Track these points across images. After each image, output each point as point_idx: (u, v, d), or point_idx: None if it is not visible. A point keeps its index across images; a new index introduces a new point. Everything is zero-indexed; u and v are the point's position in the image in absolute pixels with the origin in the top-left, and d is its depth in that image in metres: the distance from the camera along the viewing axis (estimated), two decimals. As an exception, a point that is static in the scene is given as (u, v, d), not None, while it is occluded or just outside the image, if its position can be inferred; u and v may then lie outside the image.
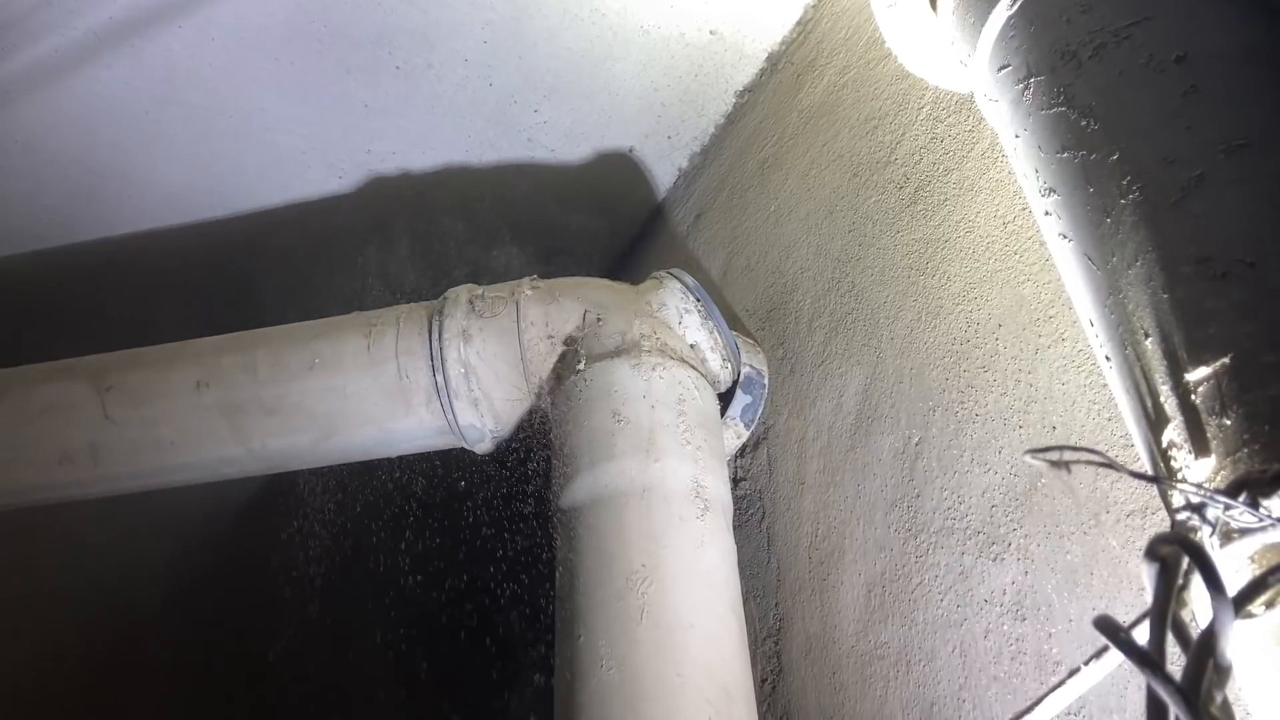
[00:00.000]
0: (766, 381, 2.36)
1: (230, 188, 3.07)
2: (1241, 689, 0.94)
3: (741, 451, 2.41)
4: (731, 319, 2.60)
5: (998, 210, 1.80)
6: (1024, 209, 1.72)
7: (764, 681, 2.07)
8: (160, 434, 2.28)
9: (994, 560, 1.59)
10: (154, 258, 3.23)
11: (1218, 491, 0.79)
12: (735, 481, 2.40)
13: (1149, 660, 0.66)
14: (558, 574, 1.91)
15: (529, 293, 2.28)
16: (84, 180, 2.95)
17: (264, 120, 2.87)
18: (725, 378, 2.30)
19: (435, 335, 2.22)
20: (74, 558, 3.90)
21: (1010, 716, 0.89)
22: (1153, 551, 0.77)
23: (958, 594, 1.64)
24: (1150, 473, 1.00)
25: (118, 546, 4.05)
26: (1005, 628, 1.53)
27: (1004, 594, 1.55)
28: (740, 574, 1.96)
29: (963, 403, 1.75)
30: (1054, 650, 1.44)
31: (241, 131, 2.91)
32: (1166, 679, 0.65)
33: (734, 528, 2.09)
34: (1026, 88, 1.30)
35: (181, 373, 2.32)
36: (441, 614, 3.35)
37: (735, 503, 2.30)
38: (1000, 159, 1.82)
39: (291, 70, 2.73)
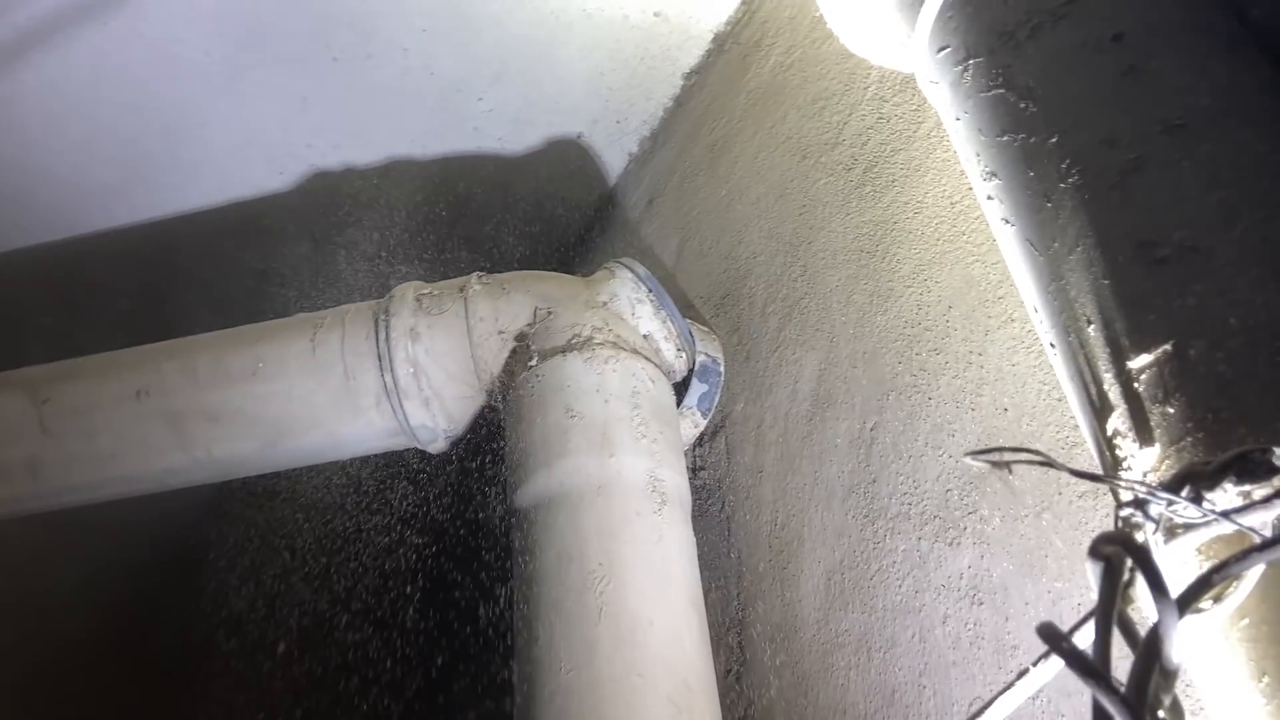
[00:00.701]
0: (722, 369, 2.33)
1: (166, 188, 2.98)
2: (1192, 682, 0.93)
3: (699, 441, 2.39)
4: (685, 306, 2.57)
5: (945, 190, 1.78)
6: (971, 189, 1.70)
7: (727, 673, 2.06)
8: (101, 445, 2.21)
9: (950, 545, 1.58)
10: (88, 263, 3.14)
11: (1161, 486, 0.78)
12: (694, 471, 2.38)
13: (1091, 670, 0.64)
14: (514, 575, 1.88)
15: (477, 288, 2.23)
16: (12, 184, 2.85)
17: (198, 117, 2.79)
18: (680, 367, 2.27)
19: (382, 335, 2.17)
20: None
21: (966, 711, 0.87)
22: (1096, 551, 0.75)
23: (915, 580, 1.64)
24: (1094, 468, 0.99)
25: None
26: (963, 612, 1.52)
27: (961, 579, 1.54)
28: (701, 565, 1.94)
29: (916, 386, 1.74)
30: (1011, 634, 1.44)
31: (175, 129, 2.82)
32: (1110, 688, 0.63)
33: (694, 518, 2.07)
34: (965, 70, 1.28)
35: (120, 382, 2.24)
36: (401, 620, 3.31)
37: (694, 493, 2.28)
38: (946, 139, 1.80)
39: (224, 65, 2.64)
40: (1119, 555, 0.73)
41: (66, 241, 3.07)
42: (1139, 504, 0.79)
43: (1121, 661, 0.75)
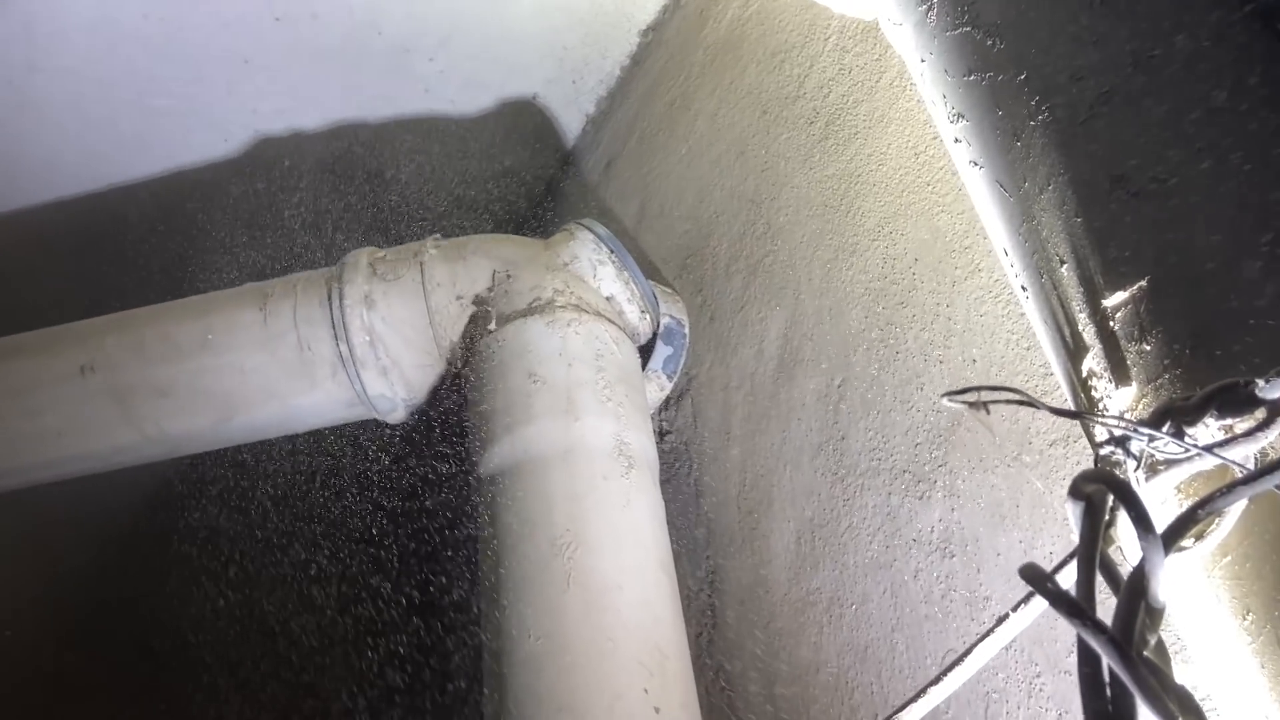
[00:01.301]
0: (687, 331, 2.30)
1: (108, 157, 2.86)
2: (1174, 620, 0.92)
3: (666, 404, 2.35)
4: (648, 268, 2.53)
5: (909, 141, 1.75)
6: (935, 138, 1.67)
7: (699, 635, 2.04)
8: (46, 424, 2.13)
9: (920, 499, 1.57)
10: (29, 236, 3.02)
11: (1141, 423, 0.75)
12: (661, 435, 2.35)
13: (1077, 609, 0.62)
14: (481, 544, 1.84)
15: (433, 252, 2.17)
16: (-56, 156, 2.73)
17: (138, 83, 2.68)
18: (644, 329, 2.23)
19: (336, 303, 2.10)
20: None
21: (942, 668, 0.85)
22: (1077, 490, 0.72)
23: (886, 535, 1.62)
24: (1071, 406, 0.97)
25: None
26: (935, 566, 1.51)
27: (932, 532, 1.53)
28: (671, 528, 1.92)
29: (883, 341, 1.71)
30: (983, 586, 1.43)
31: (115, 96, 2.71)
32: (1097, 627, 0.61)
33: (662, 482, 2.04)
34: (930, 8, 1.24)
35: (65, 358, 2.16)
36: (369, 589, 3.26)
37: (662, 456, 2.25)
38: (910, 87, 1.76)
39: (163, 27, 2.53)
40: (1101, 493, 0.70)
41: (2, 216, 2.95)
42: (1119, 441, 0.76)
43: (1102, 606, 0.73)
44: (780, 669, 1.78)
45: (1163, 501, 0.83)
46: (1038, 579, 0.64)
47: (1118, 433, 0.76)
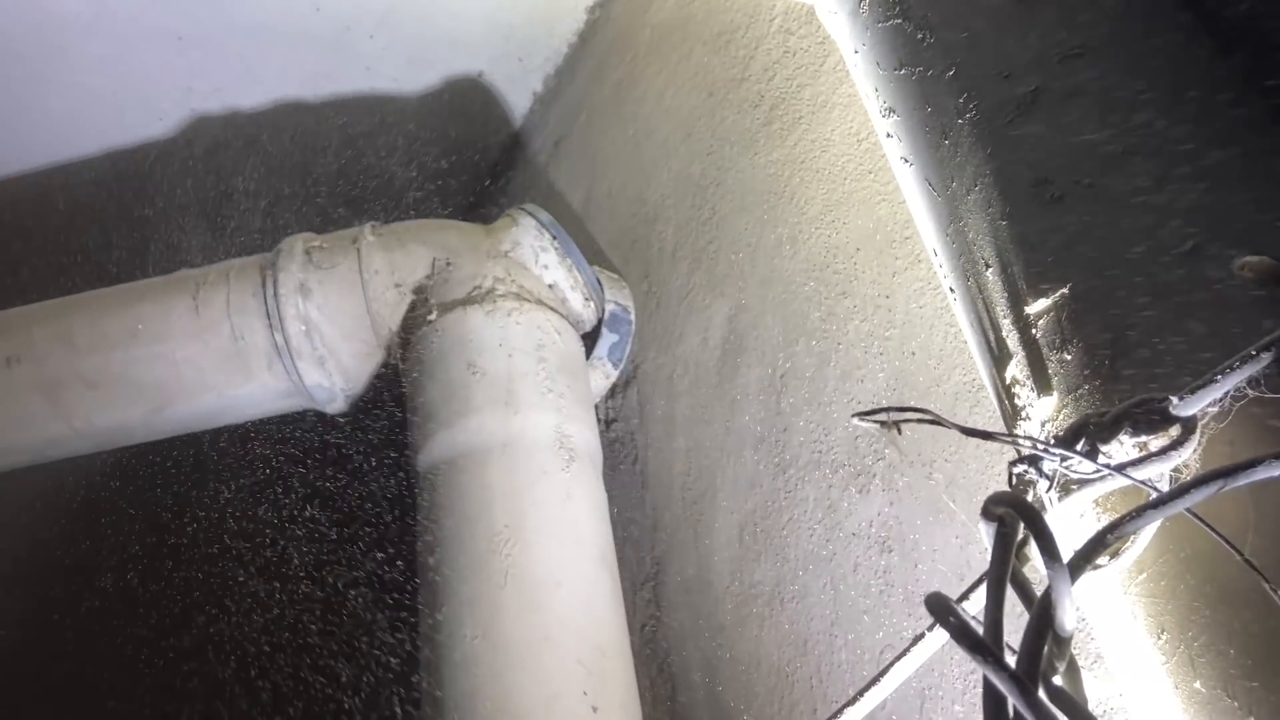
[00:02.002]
0: (633, 318, 2.26)
1: (36, 139, 2.76)
2: (1094, 633, 0.91)
3: (612, 392, 2.32)
4: (595, 253, 2.49)
5: (852, 127, 1.72)
6: (877, 125, 1.64)
7: (643, 627, 2.02)
8: (-31, 419, 2.06)
9: (860, 492, 1.55)
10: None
11: (1054, 440, 0.74)
12: (607, 424, 2.32)
13: (980, 646, 0.60)
14: (419, 539, 1.81)
15: (371, 239, 2.11)
16: None
17: (65, 61, 2.57)
18: (589, 317, 2.20)
19: (270, 291, 2.04)
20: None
21: (859, 688, 0.83)
22: (988, 512, 0.71)
23: (827, 528, 1.61)
24: (996, 411, 0.95)
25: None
26: (873, 560, 1.50)
27: (871, 526, 1.52)
28: (614, 520, 1.90)
29: (825, 331, 1.69)
30: (921, 581, 1.42)
31: (41, 75, 2.60)
32: (999, 665, 0.59)
33: (608, 472, 2.02)
34: (863, -2, 1.21)
35: (-12, 350, 2.08)
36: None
37: (608, 446, 2.22)
38: (852, 72, 1.73)
39: (91, 3, 2.43)
40: (1011, 516, 0.68)
41: (-73, 199, 2.85)
42: (1032, 460, 0.74)
43: (1020, 619, 0.72)
44: (723, 663, 1.77)
45: (1080, 515, 0.82)
46: (942, 611, 0.62)
47: (1031, 451, 0.74)
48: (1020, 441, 0.74)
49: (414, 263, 2.08)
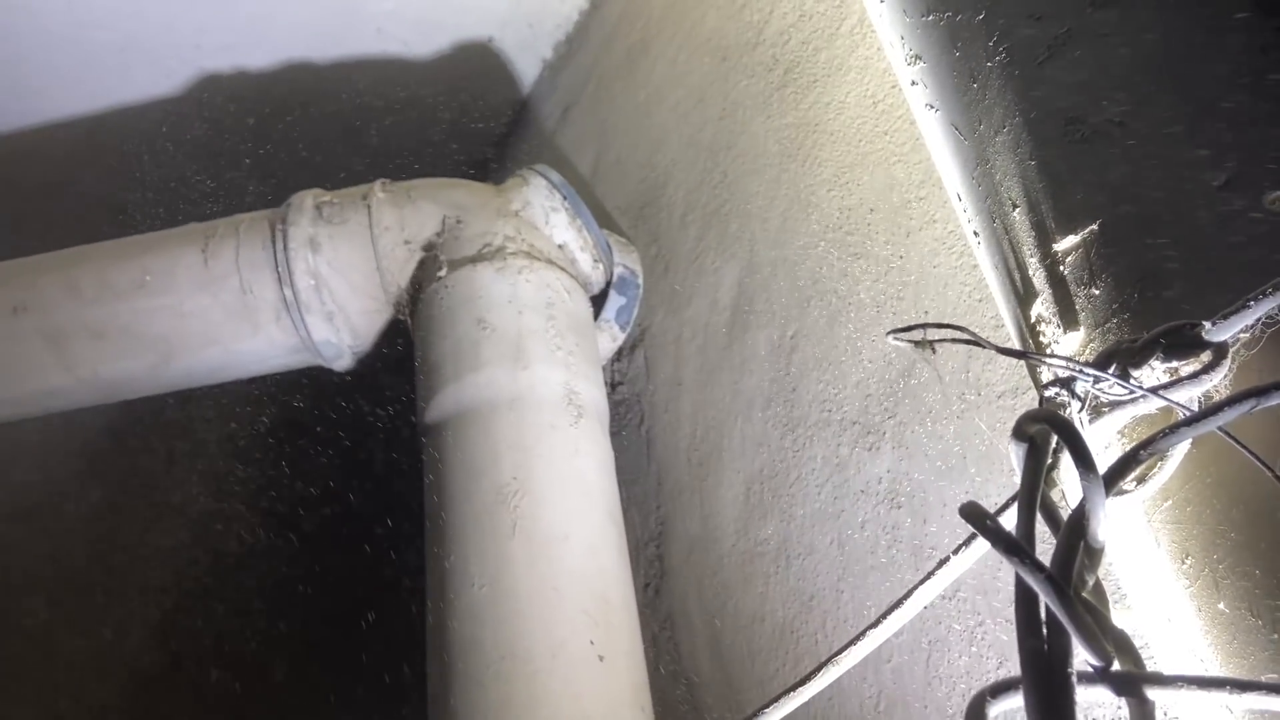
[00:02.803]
0: (640, 281, 2.27)
1: (42, 94, 2.74)
2: (1113, 565, 0.92)
3: (618, 355, 2.33)
4: (603, 218, 2.49)
5: (867, 90, 1.72)
6: (894, 87, 1.64)
7: (646, 586, 2.03)
8: (-26, 367, 2.05)
9: (870, 450, 1.56)
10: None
11: (1086, 364, 0.74)
12: (613, 386, 2.33)
13: (1015, 547, 0.61)
14: (426, 493, 1.81)
15: (381, 196, 2.11)
16: None
17: (72, 14, 2.55)
18: (597, 279, 2.20)
19: (280, 245, 2.04)
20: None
21: (883, 609, 0.84)
22: (1020, 431, 0.71)
23: (835, 486, 1.62)
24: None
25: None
26: (882, 517, 1.51)
27: (880, 483, 1.53)
28: (621, 480, 1.90)
29: (837, 292, 1.70)
30: (930, 536, 1.43)
31: (48, 29, 2.58)
32: (1034, 565, 0.60)
33: (613, 433, 2.02)
34: (891, -54, 1.21)
35: (-6, 298, 2.08)
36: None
37: (613, 408, 2.23)
38: (869, 35, 1.73)
39: (99, -45, 2.42)
40: (1044, 434, 0.69)
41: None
42: (1064, 383, 0.75)
43: (1044, 552, 0.72)
44: (727, 618, 1.78)
45: (1105, 446, 0.83)
46: (977, 517, 0.63)
47: (1063, 374, 0.75)
48: (1054, 362, 0.75)
49: (424, 220, 2.08)
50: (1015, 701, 0.63)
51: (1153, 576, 0.81)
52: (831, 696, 1.54)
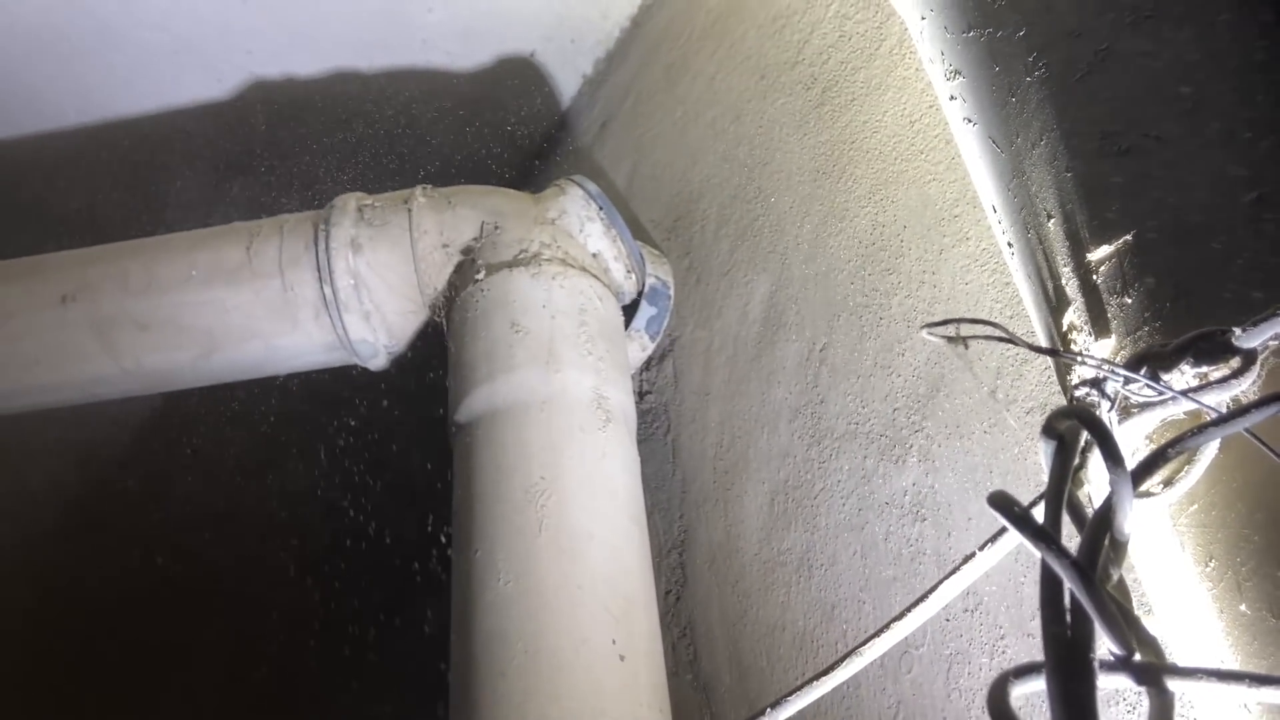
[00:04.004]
0: (672, 293, 2.30)
1: (97, 91, 2.82)
2: (1138, 572, 0.93)
3: (647, 365, 2.35)
4: (637, 230, 2.52)
5: (905, 109, 1.75)
6: (931, 106, 1.67)
7: (668, 593, 2.05)
8: (23, 350, 2.11)
9: (895, 463, 1.57)
10: (14, 168, 2.97)
11: (1117, 365, 0.76)
12: (641, 395, 2.35)
13: (1043, 534, 0.62)
14: (454, 490, 1.84)
15: (422, 200, 2.16)
16: (-74, 79, 2.68)
17: (130, 17, 2.63)
18: (629, 288, 2.23)
19: (322, 245, 2.09)
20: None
21: (908, 605, 0.86)
22: (1049, 427, 0.73)
23: (859, 498, 1.63)
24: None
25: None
26: (905, 529, 1.52)
27: (905, 495, 1.54)
28: (645, 487, 1.92)
29: (868, 306, 1.72)
30: (953, 549, 1.44)
31: (106, 29, 2.67)
32: (1061, 552, 0.62)
33: (640, 441, 2.04)
34: (934, -35, 1.23)
35: (46, 286, 2.14)
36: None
37: (641, 416, 2.25)
38: (908, 55, 1.76)
39: (159, -41, 2.50)
40: (1074, 430, 0.71)
41: (-11, 144, 2.91)
42: (1095, 383, 0.77)
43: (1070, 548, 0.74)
44: (747, 627, 1.79)
45: (1133, 450, 0.84)
46: (1005, 505, 0.65)
47: (1093, 375, 0.77)
48: (1086, 362, 0.77)
49: (463, 225, 2.12)
50: (1037, 685, 0.64)
51: (1176, 581, 0.82)
52: (850, 707, 1.55)
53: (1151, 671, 0.63)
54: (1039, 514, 0.79)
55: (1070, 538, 0.77)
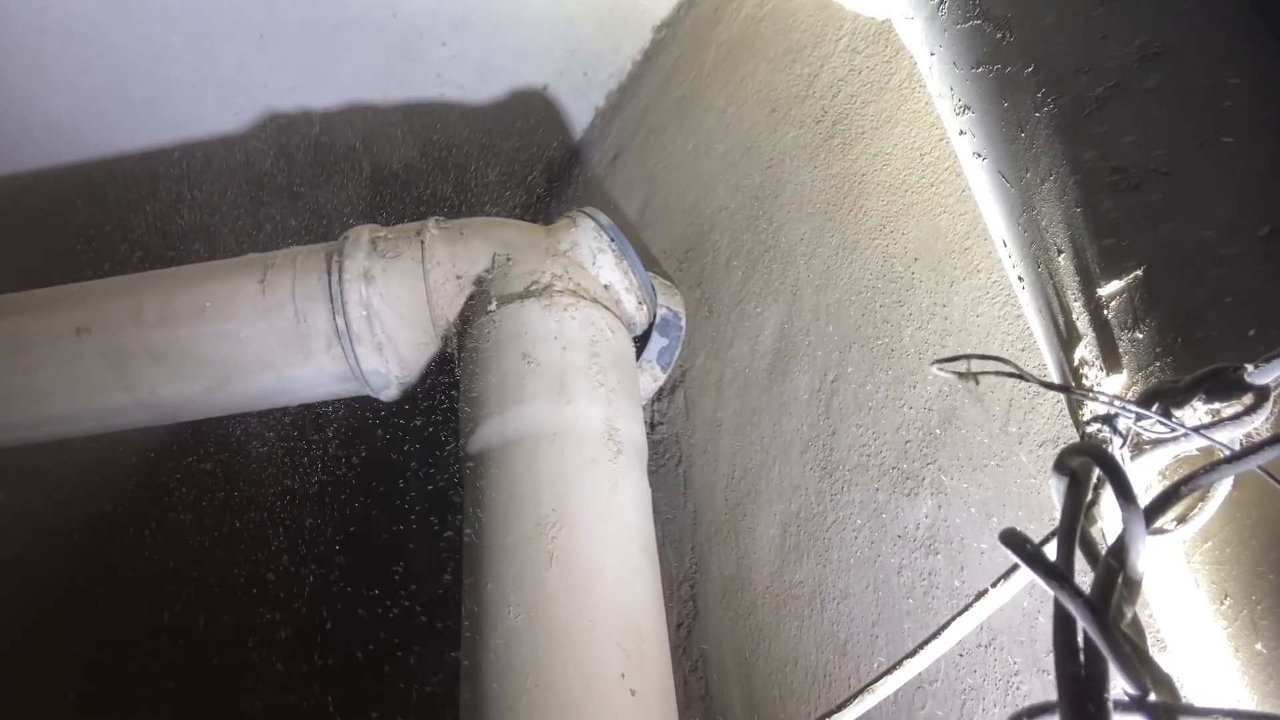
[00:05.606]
0: (683, 324, 2.30)
1: (116, 124, 2.86)
2: (1152, 611, 0.92)
3: (658, 395, 2.35)
4: (649, 261, 2.54)
5: (915, 142, 1.76)
6: (941, 139, 1.68)
7: (679, 626, 2.04)
8: (38, 382, 2.13)
9: (908, 496, 1.57)
10: (34, 198, 3.01)
11: (1129, 401, 0.76)
12: (652, 426, 2.35)
13: (1055, 572, 0.62)
14: (465, 522, 1.84)
15: (435, 232, 2.17)
16: (-47, 114, 2.73)
17: (149, 50, 2.68)
18: (641, 320, 2.24)
19: (335, 277, 2.10)
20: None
21: (921, 640, 0.85)
22: (1061, 464, 0.73)
23: (871, 531, 1.62)
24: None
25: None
26: (918, 562, 1.51)
27: (917, 529, 1.53)
28: (656, 519, 1.92)
29: (879, 338, 1.72)
30: (966, 583, 1.43)
31: (125, 63, 2.71)
32: (1074, 591, 0.61)
33: (651, 473, 2.04)
34: (942, 2, 1.25)
35: (60, 317, 2.16)
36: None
37: (652, 447, 2.25)
38: (918, 89, 1.77)
39: (179, -4, 2.55)
40: (1086, 467, 0.71)
41: (7, 178, 2.95)
42: (1107, 419, 0.77)
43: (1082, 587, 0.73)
44: (758, 661, 1.78)
45: (1146, 487, 0.84)
46: (1017, 542, 0.65)
47: (1105, 411, 0.77)
48: (1098, 398, 0.77)
49: (475, 256, 2.14)
50: (1052, 726, 0.63)
51: (1191, 619, 0.81)
52: (863, 744, 1.53)
53: (1166, 711, 0.63)
54: (1051, 551, 0.79)
55: (1084, 574, 0.77)
